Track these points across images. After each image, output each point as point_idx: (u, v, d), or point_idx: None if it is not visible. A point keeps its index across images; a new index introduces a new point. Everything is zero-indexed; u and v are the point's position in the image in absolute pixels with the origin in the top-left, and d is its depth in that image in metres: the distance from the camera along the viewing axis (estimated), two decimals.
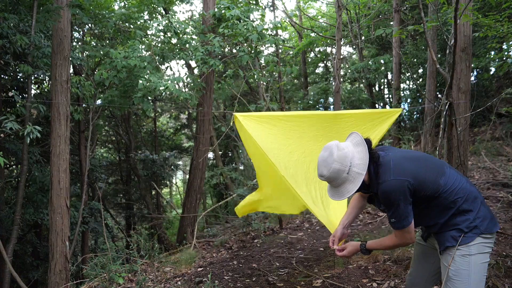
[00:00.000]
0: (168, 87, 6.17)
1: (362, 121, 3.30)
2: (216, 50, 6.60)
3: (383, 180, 1.93)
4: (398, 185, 1.89)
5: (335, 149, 1.96)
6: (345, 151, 1.95)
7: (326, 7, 16.26)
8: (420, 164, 2.00)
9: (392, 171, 1.92)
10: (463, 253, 1.89)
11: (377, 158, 1.99)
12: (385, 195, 1.92)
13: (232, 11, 6.47)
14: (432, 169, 1.98)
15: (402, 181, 1.89)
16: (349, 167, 1.93)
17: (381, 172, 1.96)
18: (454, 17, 3.08)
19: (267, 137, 3.12)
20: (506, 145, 8.63)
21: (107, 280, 4.43)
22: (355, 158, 1.95)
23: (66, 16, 6.00)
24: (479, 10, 8.21)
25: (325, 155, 1.99)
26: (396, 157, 2.00)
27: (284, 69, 7.43)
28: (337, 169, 1.94)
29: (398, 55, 10.56)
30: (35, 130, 5.40)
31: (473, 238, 1.88)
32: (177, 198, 22.85)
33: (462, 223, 1.91)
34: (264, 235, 6.02)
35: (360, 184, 1.93)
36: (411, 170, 1.93)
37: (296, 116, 3.38)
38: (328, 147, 2.01)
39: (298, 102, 15.92)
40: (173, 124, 16.98)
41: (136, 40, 6.67)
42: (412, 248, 3.89)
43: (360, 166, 1.94)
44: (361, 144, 2.00)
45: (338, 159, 1.93)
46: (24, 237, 8.56)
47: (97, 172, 10.07)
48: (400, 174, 1.91)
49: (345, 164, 1.93)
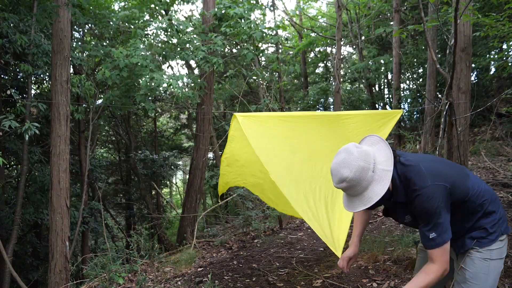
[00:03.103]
0: (172, 84, 6.16)
1: (365, 122, 3.29)
2: (218, 49, 6.60)
3: (421, 186, 1.67)
4: (439, 191, 1.66)
5: (354, 148, 1.70)
6: (365, 148, 1.71)
7: (326, 7, 16.28)
8: (448, 166, 1.83)
9: (426, 175, 1.69)
10: (485, 256, 1.79)
11: (399, 160, 1.77)
12: (425, 204, 1.66)
13: (235, 9, 6.48)
14: (458, 172, 1.82)
15: (441, 187, 1.67)
16: (374, 164, 1.67)
17: (413, 176, 1.71)
18: (454, 17, 3.08)
19: (267, 138, 3.08)
20: (506, 145, 8.62)
21: (107, 280, 4.43)
22: (377, 155, 1.71)
23: (66, 16, 6.00)
24: (480, 10, 8.21)
25: (343, 156, 1.70)
26: (421, 159, 1.80)
27: (286, 67, 7.43)
28: (362, 167, 1.65)
29: (398, 55, 10.56)
30: (33, 127, 5.39)
31: (495, 239, 1.80)
32: (177, 198, 22.85)
33: (488, 224, 1.80)
34: (264, 235, 6.02)
35: (389, 182, 1.66)
36: (445, 173, 1.73)
37: (298, 116, 3.37)
38: (344, 149, 1.74)
39: (298, 102, 15.91)
40: (173, 124, 16.98)
41: (137, 39, 6.67)
42: (412, 248, 3.89)
43: (385, 162, 1.69)
44: (379, 141, 1.78)
45: (360, 156, 1.67)
46: (24, 237, 8.56)
47: (97, 172, 10.08)
48: (436, 178, 1.69)
49: (368, 161, 1.66)
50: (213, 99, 8.50)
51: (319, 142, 3.24)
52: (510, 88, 7.11)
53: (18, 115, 6.54)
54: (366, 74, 12.83)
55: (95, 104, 8.42)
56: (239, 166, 3.84)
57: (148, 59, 6.45)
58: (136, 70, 7.22)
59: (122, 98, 8.61)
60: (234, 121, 3.16)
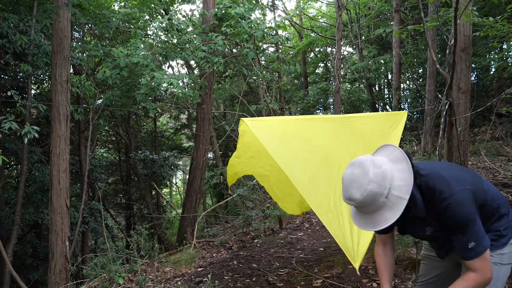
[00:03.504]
0: (173, 83, 6.16)
1: (374, 123, 3.27)
2: (219, 49, 6.60)
3: (450, 194, 1.55)
4: (468, 196, 1.57)
5: (370, 165, 1.52)
6: (383, 169, 1.52)
7: (326, 7, 16.28)
8: (463, 171, 1.76)
9: (450, 181, 1.58)
10: (496, 260, 1.73)
11: (419, 173, 1.64)
12: (459, 213, 1.55)
13: (236, 9, 6.48)
14: (473, 175, 1.75)
15: (469, 191, 1.58)
16: (389, 190, 1.51)
17: (438, 185, 1.58)
18: (454, 17, 3.08)
19: (278, 138, 3.01)
20: (506, 145, 8.61)
21: (107, 280, 4.43)
22: (395, 178, 1.53)
23: (66, 16, 6.00)
24: (480, 9, 8.21)
25: (357, 173, 1.54)
26: (437, 166, 1.72)
27: (287, 67, 7.43)
28: (374, 192, 1.50)
29: (398, 55, 10.56)
30: (32, 130, 5.39)
31: (507, 243, 1.75)
32: (177, 198, 22.85)
33: (501, 227, 1.76)
34: (264, 235, 6.02)
35: (401, 212, 1.51)
36: (464, 177, 1.65)
37: (307, 118, 3.37)
38: (360, 163, 1.56)
39: (298, 102, 15.91)
40: (173, 124, 16.99)
41: (137, 39, 6.67)
42: (412, 248, 3.89)
43: (402, 188, 1.51)
44: (402, 160, 1.58)
45: (376, 178, 1.50)
46: (24, 237, 8.56)
47: (97, 172, 10.08)
48: (461, 183, 1.60)
49: (383, 185, 1.50)
50: (213, 99, 8.50)
51: (334, 141, 3.15)
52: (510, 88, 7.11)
53: (18, 115, 6.54)
54: (366, 74, 12.84)
55: (95, 104, 8.42)
56: (247, 158, 3.86)
57: (149, 59, 6.45)
58: (137, 70, 7.22)
59: (123, 98, 8.61)
60: (242, 126, 3.12)
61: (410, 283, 3.34)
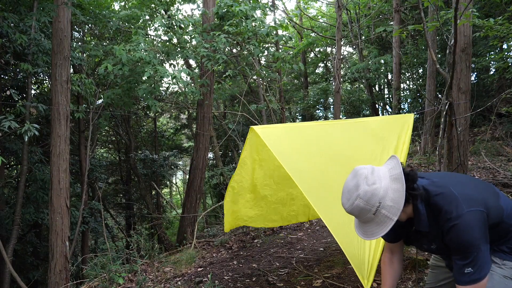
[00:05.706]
0: (176, 76, 6.13)
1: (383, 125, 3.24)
2: (222, 47, 6.58)
3: (456, 215, 1.50)
4: (477, 218, 1.50)
5: (363, 181, 1.54)
6: (375, 187, 1.52)
7: (326, 7, 16.29)
8: (478, 186, 1.67)
9: (460, 201, 1.52)
10: (506, 274, 1.65)
11: (425, 186, 1.61)
12: (463, 237, 1.49)
13: (240, 6, 6.46)
14: (488, 191, 1.66)
15: (478, 213, 1.51)
16: (377, 208, 1.52)
17: (445, 204, 1.54)
18: (454, 17, 3.08)
19: (287, 144, 2.95)
20: (506, 145, 8.62)
21: (107, 280, 4.43)
22: (386, 198, 1.51)
23: (66, 16, 6.00)
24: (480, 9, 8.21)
25: (350, 185, 1.57)
26: (450, 181, 1.63)
27: (290, 66, 7.42)
28: (361, 208, 1.53)
29: (398, 55, 10.56)
30: (32, 128, 5.39)
31: None
32: (177, 198, 22.86)
33: None
34: (264, 235, 6.02)
35: (388, 229, 1.52)
36: (477, 196, 1.57)
37: (315, 124, 3.37)
38: (356, 174, 1.58)
39: (298, 102, 15.92)
40: (173, 124, 16.99)
41: (139, 36, 6.64)
42: (412, 248, 3.89)
43: (391, 209, 1.51)
44: (399, 181, 1.55)
45: (364, 196, 1.52)
46: (24, 237, 8.57)
47: (97, 172, 10.08)
48: (471, 203, 1.52)
49: (371, 203, 1.52)
50: (213, 98, 8.50)
51: (345, 144, 3.11)
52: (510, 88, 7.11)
53: (18, 115, 6.55)
54: (366, 74, 12.84)
55: (95, 104, 8.42)
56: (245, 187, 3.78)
57: (151, 55, 6.43)
58: (138, 68, 7.20)
59: (123, 97, 8.59)
60: (251, 133, 3.12)
61: (410, 283, 3.34)
